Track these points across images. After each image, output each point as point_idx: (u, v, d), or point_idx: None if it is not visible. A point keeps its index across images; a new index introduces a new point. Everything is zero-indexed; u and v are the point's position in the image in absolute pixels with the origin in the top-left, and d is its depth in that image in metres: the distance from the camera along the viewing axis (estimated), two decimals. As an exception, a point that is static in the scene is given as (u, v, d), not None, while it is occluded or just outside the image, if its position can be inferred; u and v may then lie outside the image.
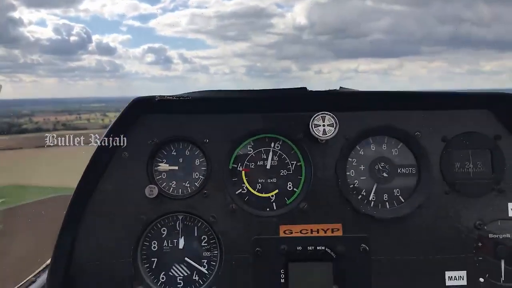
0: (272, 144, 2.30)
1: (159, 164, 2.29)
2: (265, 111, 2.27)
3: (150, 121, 2.28)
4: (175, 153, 2.31)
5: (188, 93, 2.20)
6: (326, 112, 2.12)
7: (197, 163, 2.30)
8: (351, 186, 2.26)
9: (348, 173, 2.27)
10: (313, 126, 2.13)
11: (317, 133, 2.12)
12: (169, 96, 2.18)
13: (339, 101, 2.21)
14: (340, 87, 2.16)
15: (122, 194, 2.23)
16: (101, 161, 2.21)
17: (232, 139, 2.26)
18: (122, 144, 2.22)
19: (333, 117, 2.11)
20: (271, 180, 2.27)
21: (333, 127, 2.12)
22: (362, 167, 2.27)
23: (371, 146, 2.28)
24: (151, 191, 2.18)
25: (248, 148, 2.30)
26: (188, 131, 2.27)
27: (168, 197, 2.24)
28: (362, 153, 2.28)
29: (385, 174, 2.26)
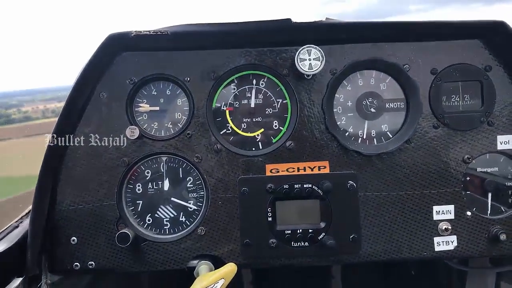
0: (256, 81, 2.21)
1: (139, 104, 2.21)
2: (248, 46, 2.16)
3: (128, 60, 2.17)
4: (155, 93, 2.22)
5: (166, 27, 2.07)
6: (312, 46, 2.03)
7: (179, 103, 2.22)
8: (338, 122, 2.20)
9: (335, 110, 2.20)
10: (298, 60, 2.03)
11: (302, 68, 2.03)
12: (146, 31, 2.05)
13: (326, 33, 2.10)
14: (326, 17, 2.05)
15: (103, 137, 2.15)
16: (77, 103, 2.12)
17: (215, 77, 2.16)
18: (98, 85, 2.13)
19: (319, 51, 2.02)
20: (256, 119, 2.21)
21: (319, 61, 2.03)
22: (349, 103, 2.21)
23: (359, 81, 2.21)
24: (132, 132, 2.10)
25: (232, 86, 2.21)
26: (168, 70, 2.17)
27: (151, 138, 2.17)
28: (350, 88, 2.21)
29: (373, 110, 2.20)
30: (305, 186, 2.12)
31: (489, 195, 2.17)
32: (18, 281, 1.95)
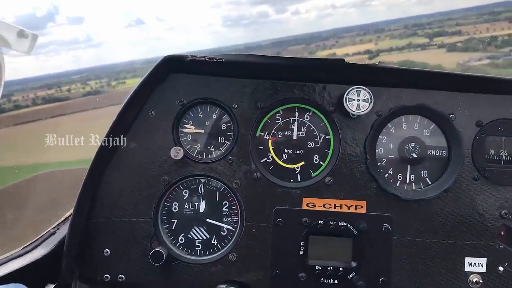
0: (301, 115, 2.24)
1: (185, 125, 2.25)
2: (298, 80, 2.20)
3: (180, 81, 2.22)
4: (202, 116, 2.26)
5: (221, 55, 2.12)
6: (361, 87, 2.06)
7: (224, 127, 2.25)
8: (379, 164, 2.22)
9: (377, 151, 2.22)
10: (347, 100, 2.06)
11: (350, 108, 2.06)
12: (201, 56, 2.11)
13: (376, 76, 2.13)
14: (379, 61, 2.08)
15: (146, 153, 2.20)
16: (127, 118, 2.17)
17: (262, 106, 2.20)
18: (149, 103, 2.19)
19: (368, 93, 2.05)
20: (298, 152, 2.23)
21: (367, 102, 2.06)
22: (391, 146, 2.22)
23: (403, 125, 2.23)
24: (176, 152, 2.14)
25: (277, 117, 2.25)
26: (217, 94, 2.22)
27: (193, 159, 2.21)
28: (393, 131, 2.23)
29: (414, 155, 2.21)
30: (340, 223, 2.14)
31: None
32: (50, 287, 1.99)
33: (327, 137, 2.23)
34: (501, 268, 2.14)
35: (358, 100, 2.06)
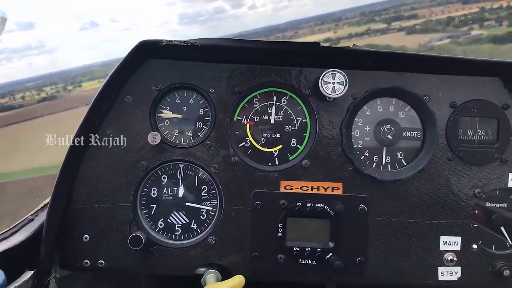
0: (278, 99, 2.26)
1: (162, 111, 2.25)
2: (274, 64, 2.21)
3: (156, 66, 2.22)
4: (179, 101, 2.27)
5: (196, 39, 2.12)
6: (336, 70, 2.07)
7: (201, 112, 2.26)
8: (355, 146, 2.24)
9: (353, 133, 2.25)
10: (322, 83, 2.08)
11: (326, 91, 2.08)
12: (176, 40, 2.10)
13: (351, 59, 2.15)
14: (354, 44, 2.09)
15: (124, 139, 2.20)
16: (103, 105, 2.17)
17: (239, 91, 2.21)
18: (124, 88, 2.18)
19: (343, 75, 2.07)
20: (275, 135, 2.25)
21: (342, 85, 2.07)
22: (367, 128, 2.25)
23: (379, 107, 2.25)
24: (153, 137, 2.14)
25: (254, 101, 2.26)
26: (194, 79, 2.22)
27: (170, 145, 2.21)
28: (369, 113, 2.25)
29: (390, 137, 2.24)
30: (317, 205, 2.16)
31: (496, 230, 2.21)
32: (29, 274, 1.99)
33: (304, 120, 2.25)
34: (475, 246, 2.18)
35: (334, 83, 2.08)
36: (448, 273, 2.18)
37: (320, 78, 2.08)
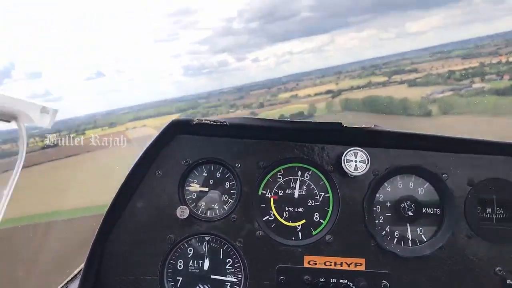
0: (301, 173, 2.35)
1: (190, 184, 2.34)
2: (297, 141, 2.32)
3: (185, 142, 2.33)
4: (206, 174, 2.36)
5: (225, 118, 2.25)
6: (358, 149, 2.18)
7: (227, 186, 2.35)
8: (376, 221, 2.30)
9: (374, 209, 2.32)
10: (345, 161, 2.18)
11: (348, 169, 2.17)
12: (207, 119, 2.23)
13: (372, 138, 2.26)
14: (375, 125, 2.21)
15: (153, 212, 2.28)
16: (135, 178, 2.26)
17: (263, 166, 2.31)
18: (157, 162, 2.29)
19: (365, 154, 2.17)
20: (299, 210, 2.32)
21: (364, 163, 2.17)
22: (388, 204, 2.32)
23: (399, 184, 2.34)
24: (182, 212, 2.22)
25: (278, 176, 2.35)
26: (221, 154, 2.33)
27: (198, 218, 2.28)
28: (390, 189, 2.33)
29: (410, 213, 2.30)
30: (340, 281, 2.20)
31: None
32: None
33: (326, 195, 2.32)
34: None
35: (356, 161, 2.18)
36: None
37: (343, 157, 2.18)
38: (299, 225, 2.31)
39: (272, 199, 2.33)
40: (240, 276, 2.27)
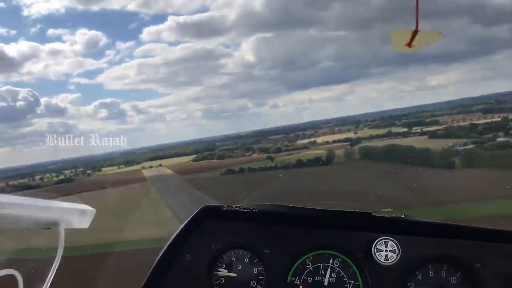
0: (330, 261, 2.33)
1: (218, 269, 2.35)
2: (327, 227, 2.33)
3: (215, 227, 2.37)
4: (234, 259, 2.37)
5: (253, 205, 2.29)
6: (389, 238, 2.16)
7: (255, 271, 2.34)
8: None
9: (406, 298, 2.26)
10: (375, 250, 2.16)
11: (379, 259, 2.15)
12: (236, 206, 2.28)
13: (403, 227, 2.25)
14: (405, 214, 2.21)
15: None
16: (166, 263, 2.29)
17: (292, 252, 2.31)
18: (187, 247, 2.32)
19: (396, 244, 2.15)
20: None
21: (395, 253, 2.15)
22: None
23: (430, 272, 2.28)
24: (210, 299, 2.22)
25: (307, 262, 2.34)
26: (249, 240, 2.35)
27: None
28: (421, 278, 2.28)
29: None
30: None
31: None
32: None
33: (356, 283, 2.29)
34: None
35: (386, 251, 2.16)
36: None
37: (373, 246, 2.16)
38: None
39: (301, 287, 2.31)
40: None
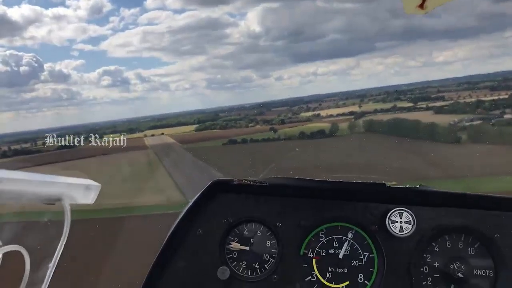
0: (344, 233, 2.29)
1: (231, 243, 2.32)
2: (339, 199, 2.28)
3: (226, 201, 2.32)
4: (247, 233, 2.34)
5: (265, 178, 2.24)
6: (403, 209, 2.11)
7: (268, 245, 2.31)
8: (424, 283, 2.21)
9: (422, 269, 2.22)
10: (389, 222, 2.11)
11: (393, 230, 2.11)
12: (247, 180, 2.23)
13: (418, 197, 2.20)
14: (420, 184, 2.15)
15: (194, 272, 2.26)
16: (177, 237, 2.26)
17: (305, 225, 2.27)
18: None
19: (411, 214, 2.10)
20: (342, 270, 2.25)
21: (410, 224, 2.10)
22: (436, 264, 2.22)
23: (447, 243, 2.24)
24: (222, 273, 2.20)
25: (320, 235, 2.30)
26: (261, 213, 2.30)
27: (238, 278, 2.25)
28: (437, 249, 2.24)
29: (460, 274, 2.20)
30: None
31: None
32: None
33: (371, 255, 2.25)
34: None
35: (401, 222, 2.11)
36: None
37: (387, 217, 2.11)
38: (342, 287, 2.24)
39: (314, 260, 2.27)
40: None
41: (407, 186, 2.17)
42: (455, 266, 2.21)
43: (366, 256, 2.26)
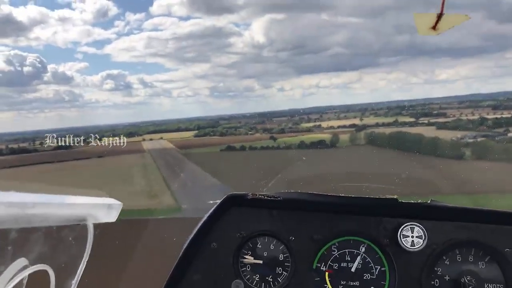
0: (356, 247, 2.33)
1: (245, 256, 2.36)
2: (352, 213, 2.32)
3: (240, 215, 2.37)
4: (260, 247, 2.38)
5: (278, 193, 2.29)
6: (415, 224, 2.16)
7: (281, 258, 2.35)
8: None
9: (433, 283, 2.25)
10: (401, 236, 2.16)
11: (405, 244, 2.15)
12: (261, 194, 2.28)
13: (429, 213, 2.24)
14: (431, 200, 2.20)
15: (209, 285, 2.30)
16: (192, 250, 2.30)
17: (318, 239, 2.31)
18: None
19: (422, 229, 2.14)
20: (354, 284, 2.28)
21: (421, 239, 2.14)
22: (447, 278, 2.26)
23: (457, 257, 2.28)
24: (237, 286, 2.24)
25: (333, 249, 2.34)
26: (274, 227, 2.35)
27: None
28: (448, 263, 2.27)
29: None
30: None
31: None
32: None
33: (382, 269, 2.29)
34: None
35: (413, 237, 2.16)
36: None
37: (399, 232, 2.16)
38: None
39: (326, 273, 2.31)
40: None
41: (419, 201, 2.21)
42: (466, 280, 2.24)
43: (378, 269, 2.29)
